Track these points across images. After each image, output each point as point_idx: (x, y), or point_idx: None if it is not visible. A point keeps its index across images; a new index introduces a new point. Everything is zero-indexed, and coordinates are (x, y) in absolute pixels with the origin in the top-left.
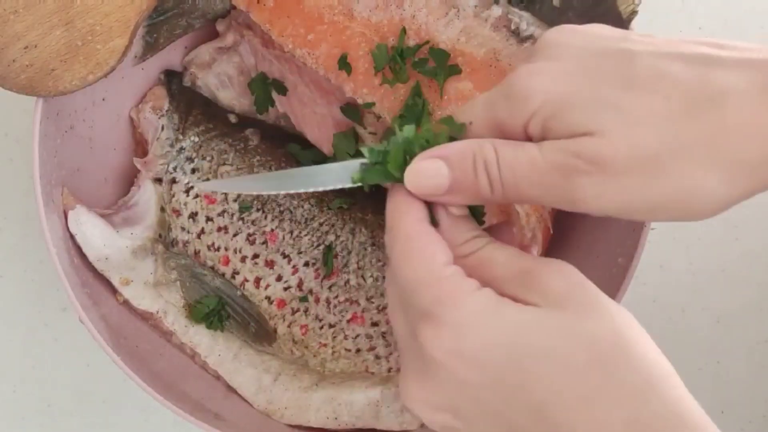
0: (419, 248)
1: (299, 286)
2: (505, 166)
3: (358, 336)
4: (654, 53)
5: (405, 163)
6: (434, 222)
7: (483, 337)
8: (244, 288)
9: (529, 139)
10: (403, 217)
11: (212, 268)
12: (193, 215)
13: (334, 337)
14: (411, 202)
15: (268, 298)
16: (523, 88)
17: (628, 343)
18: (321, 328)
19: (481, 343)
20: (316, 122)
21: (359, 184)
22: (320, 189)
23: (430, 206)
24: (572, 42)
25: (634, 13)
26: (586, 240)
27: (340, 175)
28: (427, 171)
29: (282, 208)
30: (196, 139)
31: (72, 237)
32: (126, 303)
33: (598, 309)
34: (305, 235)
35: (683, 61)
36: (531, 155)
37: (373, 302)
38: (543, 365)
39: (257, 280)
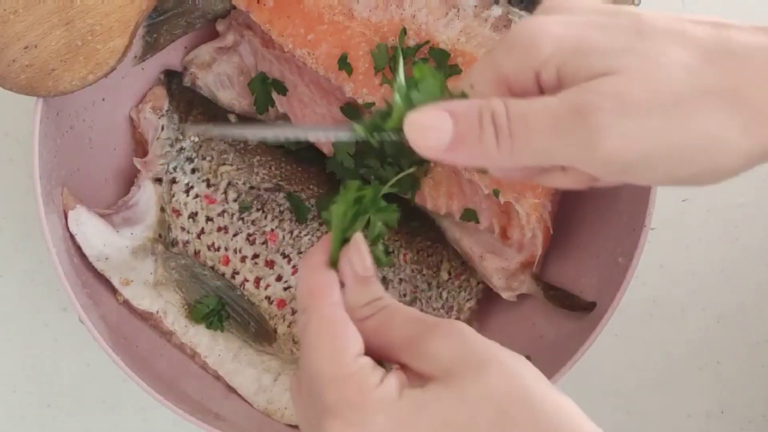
0: (331, 338)
1: None
2: (515, 116)
3: None
4: (665, 16)
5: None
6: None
7: (387, 429)
8: (244, 288)
9: (541, 93)
10: (318, 300)
11: (212, 268)
12: (193, 215)
13: None
14: (326, 284)
15: (268, 298)
16: (530, 36)
17: (527, 392)
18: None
19: None
20: (316, 122)
21: (359, 135)
22: (319, 138)
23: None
24: (581, 2)
25: None
26: (586, 240)
27: (340, 131)
28: (430, 122)
29: (282, 208)
30: (196, 139)
31: (72, 237)
32: (126, 303)
33: (490, 366)
34: (305, 235)
35: (697, 23)
36: (546, 102)
37: None
38: None
39: (257, 280)
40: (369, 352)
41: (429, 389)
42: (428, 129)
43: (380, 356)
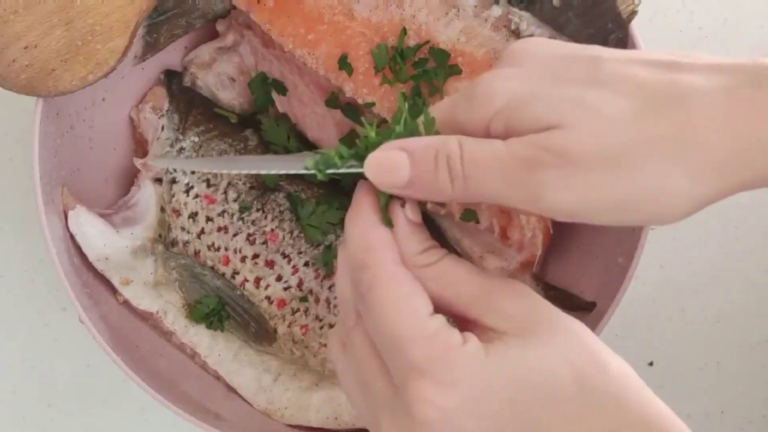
0: (403, 297)
1: (299, 286)
2: (468, 159)
3: None
4: (620, 59)
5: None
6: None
7: (482, 388)
8: (244, 288)
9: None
10: (381, 257)
11: (212, 268)
12: (193, 215)
13: None
14: (385, 241)
15: (268, 298)
16: (486, 88)
17: (598, 356)
18: (321, 328)
19: (480, 396)
20: (316, 122)
21: (311, 171)
22: (272, 172)
23: (387, 207)
24: (539, 50)
25: (633, 13)
26: (586, 240)
27: (294, 162)
28: (389, 161)
29: (282, 208)
30: (196, 139)
31: (72, 237)
32: (126, 303)
33: (561, 328)
34: (305, 235)
35: (649, 65)
36: (496, 148)
37: None
38: (539, 405)
39: (257, 280)
40: (437, 302)
41: (511, 346)
42: (387, 168)
43: (445, 309)
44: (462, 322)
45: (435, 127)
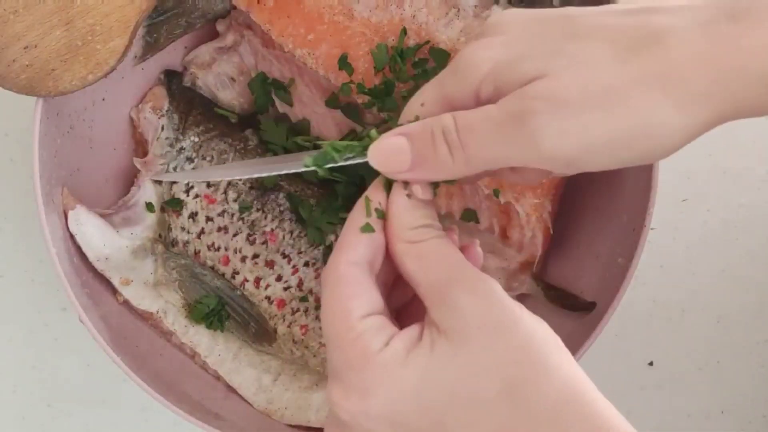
0: (339, 298)
1: (299, 286)
2: (462, 127)
3: None
4: (593, 12)
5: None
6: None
7: (389, 396)
8: (244, 288)
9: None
10: (337, 256)
11: (212, 268)
12: (193, 215)
13: None
14: (351, 242)
15: (268, 298)
16: (470, 59)
17: (544, 365)
18: (321, 328)
19: (388, 402)
20: (316, 122)
21: (311, 168)
22: (273, 174)
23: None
24: (515, 18)
25: None
26: (586, 240)
27: (293, 162)
28: (390, 147)
29: (282, 208)
30: (196, 139)
31: (72, 237)
32: (126, 303)
33: (506, 332)
34: (305, 235)
35: (621, 13)
36: (487, 110)
37: None
38: (453, 408)
39: (257, 280)
40: (409, 282)
41: (436, 354)
42: (389, 153)
43: (416, 291)
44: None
45: (419, 114)
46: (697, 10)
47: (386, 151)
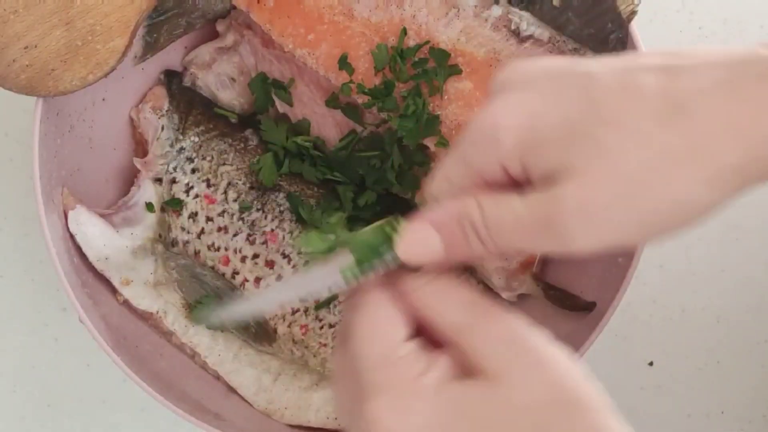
0: (378, 320)
1: None
2: (491, 225)
3: None
4: (614, 69)
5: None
6: None
7: (426, 419)
8: (244, 288)
9: (510, 178)
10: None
11: (212, 268)
12: (193, 215)
13: (334, 337)
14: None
15: None
16: (490, 131)
17: (570, 401)
18: (321, 328)
19: (425, 424)
20: (316, 122)
21: (354, 278)
22: (316, 297)
23: None
24: (528, 72)
25: (633, 13)
26: None
27: (329, 278)
28: (420, 242)
29: (282, 208)
30: (196, 139)
31: (72, 237)
32: (126, 303)
33: (535, 370)
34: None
35: (647, 70)
36: (515, 210)
37: None
38: None
39: (257, 280)
40: (422, 325)
41: (470, 389)
42: (420, 249)
43: (433, 334)
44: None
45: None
46: (719, 66)
47: (417, 246)
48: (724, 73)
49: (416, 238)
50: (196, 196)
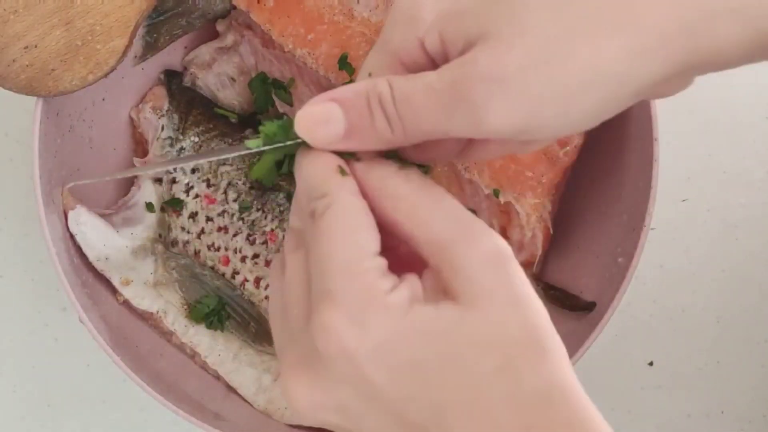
0: (351, 228)
1: None
2: (400, 99)
3: None
4: None
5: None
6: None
7: (389, 342)
8: (244, 288)
9: (432, 62)
10: (339, 185)
11: (212, 268)
12: (193, 215)
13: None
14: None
15: (268, 298)
16: (410, 7)
17: (538, 342)
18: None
19: (386, 347)
20: None
21: (257, 148)
22: (226, 156)
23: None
24: None
25: None
26: (586, 240)
27: (235, 150)
28: (320, 115)
29: (282, 208)
30: (196, 139)
31: (72, 237)
32: (126, 303)
33: (517, 306)
34: None
35: None
36: (427, 81)
37: None
38: (449, 372)
39: (257, 280)
40: (403, 238)
41: (442, 314)
42: (319, 123)
43: (407, 244)
44: (425, 273)
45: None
46: None
47: (316, 119)
48: None
49: (315, 111)
50: (196, 196)
